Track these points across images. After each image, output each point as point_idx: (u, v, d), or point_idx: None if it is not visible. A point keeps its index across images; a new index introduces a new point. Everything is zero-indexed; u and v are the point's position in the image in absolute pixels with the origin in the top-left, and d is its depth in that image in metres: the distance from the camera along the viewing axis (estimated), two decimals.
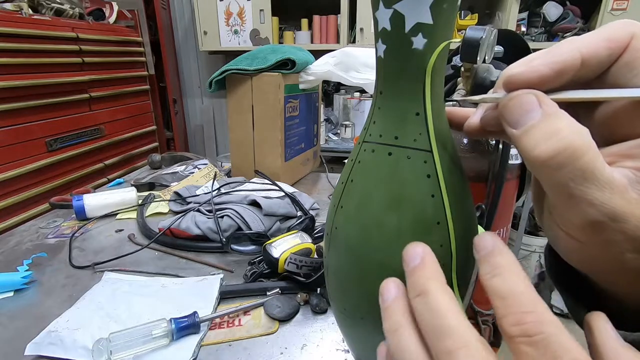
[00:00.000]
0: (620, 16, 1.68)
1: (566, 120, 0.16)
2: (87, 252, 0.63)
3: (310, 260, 0.50)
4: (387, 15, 0.21)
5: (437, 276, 0.18)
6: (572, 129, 0.16)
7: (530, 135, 0.16)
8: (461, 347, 0.15)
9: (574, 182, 0.15)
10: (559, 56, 0.17)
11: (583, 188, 0.15)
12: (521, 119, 0.17)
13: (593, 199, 0.15)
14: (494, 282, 0.16)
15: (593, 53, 0.17)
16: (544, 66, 0.17)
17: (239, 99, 0.84)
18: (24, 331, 0.44)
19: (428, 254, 0.19)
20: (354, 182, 0.25)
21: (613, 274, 0.18)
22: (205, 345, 0.42)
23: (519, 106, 0.17)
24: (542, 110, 0.16)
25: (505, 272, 0.16)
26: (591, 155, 0.15)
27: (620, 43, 0.17)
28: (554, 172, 0.16)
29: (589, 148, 0.15)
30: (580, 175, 0.15)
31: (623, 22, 0.17)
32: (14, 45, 1.28)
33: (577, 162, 0.15)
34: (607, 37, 0.17)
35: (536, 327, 0.14)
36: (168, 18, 2.40)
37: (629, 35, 0.17)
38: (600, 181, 0.15)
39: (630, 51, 0.17)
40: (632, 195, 0.15)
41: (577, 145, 0.15)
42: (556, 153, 0.15)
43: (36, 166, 1.38)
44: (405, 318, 0.18)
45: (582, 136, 0.15)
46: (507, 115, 0.17)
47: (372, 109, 0.25)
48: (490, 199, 0.65)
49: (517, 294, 0.16)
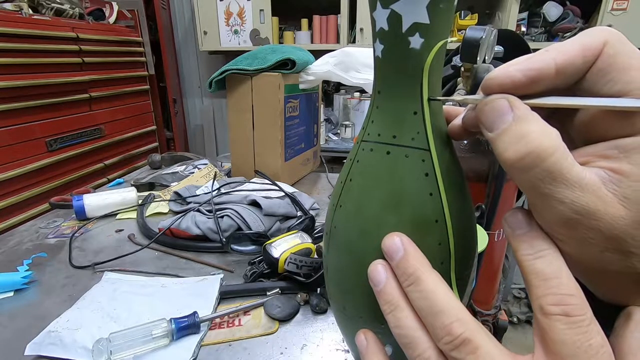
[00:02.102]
0: (620, 16, 1.67)
1: (536, 123, 0.17)
2: (87, 252, 0.63)
3: (310, 260, 0.50)
4: (385, 15, 0.21)
5: (422, 263, 0.20)
6: (541, 131, 0.16)
7: (502, 138, 0.17)
8: (455, 320, 0.18)
9: (543, 182, 0.16)
10: (534, 64, 0.18)
11: (552, 187, 0.16)
12: (495, 122, 0.18)
13: (563, 197, 0.16)
14: (537, 263, 0.17)
15: (568, 61, 0.17)
16: (518, 72, 0.18)
17: (239, 99, 0.84)
18: (24, 331, 0.44)
19: (407, 242, 0.21)
20: (352, 181, 0.25)
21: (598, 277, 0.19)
22: (205, 345, 0.42)
23: (493, 110, 0.18)
24: (514, 114, 0.17)
25: (548, 255, 0.17)
26: (558, 156, 0.16)
27: (594, 50, 0.17)
28: (524, 173, 0.16)
29: (556, 149, 0.16)
30: (548, 176, 0.16)
31: (596, 29, 0.18)
32: (14, 45, 1.28)
33: (544, 164, 0.16)
34: (581, 45, 0.18)
35: (578, 310, 0.16)
36: (168, 18, 2.40)
37: (601, 42, 0.17)
38: (568, 180, 0.16)
39: (603, 58, 0.17)
40: (605, 193, 0.16)
41: (544, 147, 0.16)
42: (524, 155, 0.16)
43: (36, 166, 1.38)
44: (400, 298, 0.20)
45: (550, 138, 0.16)
46: (483, 118, 0.18)
47: (371, 108, 0.25)
48: (490, 199, 0.65)
49: (562, 278, 0.17)
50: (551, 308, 0.16)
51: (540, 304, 0.17)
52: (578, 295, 0.16)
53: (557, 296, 0.16)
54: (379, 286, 0.21)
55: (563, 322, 0.16)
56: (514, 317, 1.75)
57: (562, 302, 0.16)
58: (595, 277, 0.19)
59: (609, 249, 0.16)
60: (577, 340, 0.15)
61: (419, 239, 0.22)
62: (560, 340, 0.16)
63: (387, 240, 0.22)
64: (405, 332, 0.20)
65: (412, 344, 0.19)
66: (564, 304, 0.16)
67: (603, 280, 0.19)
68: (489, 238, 0.70)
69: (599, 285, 0.19)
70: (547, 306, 0.16)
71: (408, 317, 0.20)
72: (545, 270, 0.17)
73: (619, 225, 0.16)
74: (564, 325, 0.16)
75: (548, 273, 0.17)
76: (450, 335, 0.18)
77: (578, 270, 0.17)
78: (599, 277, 0.19)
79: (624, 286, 0.18)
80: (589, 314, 0.16)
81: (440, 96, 0.24)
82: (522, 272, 0.18)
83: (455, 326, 0.18)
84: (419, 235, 0.22)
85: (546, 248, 0.18)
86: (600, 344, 0.15)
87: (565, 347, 0.16)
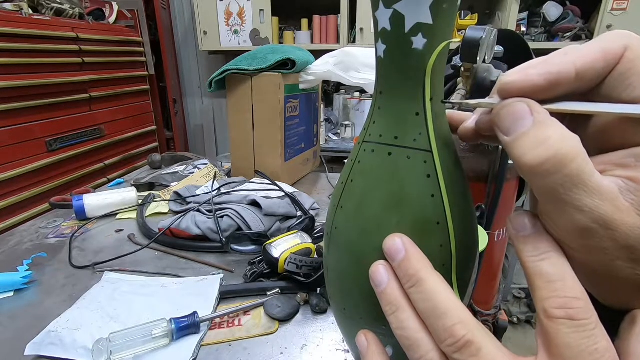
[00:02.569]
0: (620, 16, 1.68)
1: (556, 127, 0.16)
2: (87, 252, 0.63)
3: (310, 260, 0.50)
4: (387, 15, 0.21)
5: (424, 264, 0.20)
6: (562, 136, 0.16)
7: (520, 142, 0.17)
8: (457, 322, 0.18)
9: (563, 188, 0.16)
10: (553, 67, 0.17)
11: (572, 194, 0.16)
12: (513, 126, 0.17)
13: (582, 205, 0.16)
14: (542, 265, 0.17)
15: (589, 65, 0.17)
16: (538, 76, 0.17)
17: (239, 99, 0.84)
18: (24, 331, 0.44)
19: (408, 243, 0.21)
20: (353, 182, 0.25)
21: (603, 282, 0.18)
22: (205, 345, 0.42)
23: (511, 113, 0.17)
24: (533, 118, 0.16)
25: (553, 257, 0.17)
26: (580, 162, 0.15)
27: (615, 55, 0.17)
28: (544, 178, 0.16)
29: (577, 155, 0.15)
30: (569, 182, 0.15)
31: (617, 33, 0.18)
32: (14, 45, 1.28)
33: (566, 169, 0.15)
34: (602, 49, 0.17)
35: (583, 314, 0.16)
36: (168, 18, 2.40)
37: (622, 46, 0.17)
38: (589, 187, 0.15)
39: (624, 62, 0.17)
40: (622, 202, 0.16)
41: (565, 152, 0.15)
42: (545, 160, 0.16)
43: (36, 166, 1.38)
44: (402, 299, 0.20)
45: (572, 143, 0.16)
46: (500, 122, 0.18)
47: (372, 109, 0.25)
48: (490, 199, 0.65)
49: (566, 280, 0.16)
50: (555, 311, 0.16)
51: (544, 306, 0.16)
52: (583, 298, 0.16)
53: (561, 299, 0.16)
54: (381, 287, 0.21)
55: (568, 326, 0.16)
56: (514, 317, 1.75)
57: (567, 305, 0.16)
58: (600, 283, 0.19)
59: (621, 258, 0.16)
60: (582, 344, 0.15)
61: (421, 240, 0.22)
62: (565, 344, 0.16)
63: (388, 241, 0.21)
64: (408, 333, 0.19)
65: (415, 345, 0.19)
66: (568, 307, 0.16)
67: (608, 285, 0.18)
68: (489, 238, 0.70)
69: (603, 290, 0.19)
70: (551, 309, 0.16)
71: (410, 319, 0.20)
72: (549, 272, 0.17)
73: (634, 235, 0.15)
74: (568, 329, 0.16)
75: (552, 275, 0.17)
76: (453, 337, 0.17)
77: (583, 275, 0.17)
78: (604, 283, 0.18)
79: (629, 292, 0.18)
80: (594, 317, 0.16)
81: (443, 96, 0.24)
82: (526, 274, 0.18)
83: (458, 328, 0.17)
84: (421, 236, 0.22)
85: (551, 250, 0.17)
86: (605, 348, 0.15)
87: (569, 351, 0.15)
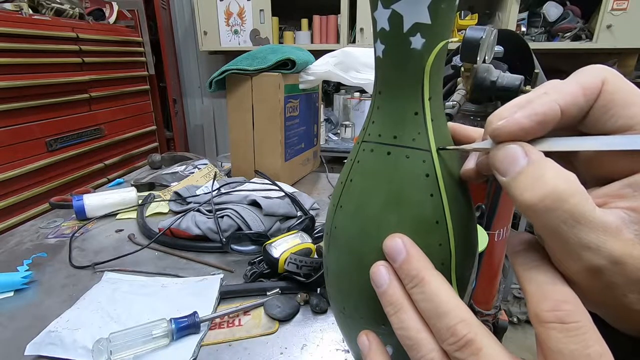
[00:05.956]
0: (620, 16, 1.67)
1: (551, 166, 0.17)
2: (87, 252, 0.63)
3: (310, 260, 0.50)
4: (386, 15, 0.21)
5: (425, 264, 0.20)
6: (558, 173, 0.16)
7: (517, 182, 0.17)
8: (459, 322, 0.18)
9: (566, 225, 0.16)
10: (539, 107, 0.18)
11: (576, 231, 0.16)
12: (509, 168, 0.18)
13: (588, 242, 0.15)
14: (532, 272, 0.18)
15: (571, 102, 0.18)
16: (525, 118, 0.18)
17: (239, 99, 0.84)
18: (24, 331, 0.44)
19: (409, 243, 0.21)
20: (353, 181, 0.25)
21: (615, 313, 0.18)
22: (205, 345, 0.42)
23: (505, 156, 0.18)
24: (528, 158, 0.17)
25: (543, 266, 0.18)
26: (579, 198, 0.16)
27: (594, 89, 0.18)
28: (544, 215, 0.16)
29: (575, 191, 0.16)
30: (571, 218, 0.15)
31: (592, 68, 0.18)
32: (14, 45, 1.28)
33: (565, 205, 0.15)
34: (581, 85, 0.18)
35: (572, 316, 0.16)
36: (168, 18, 2.40)
37: (600, 80, 0.18)
38: (592, 223, 0.15)
39: (603, 95, 0.18)
40: (627, 236, 0.16)
41: (563, 188, 0.16)
42: (543, 196, 0.16)
43: (36, 166, 1.38)
44: (403, 299, 0.20)
45: (568, 180, 0.16)
46: (496, 164, 0.18)
47: (371, 108, 0.25)
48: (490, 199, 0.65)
49: (556, 285, 0.17)
50: (546, 314, 0.16)
51: (535, 311, 0.16)
52: (573, 302, 0.16)
53: (551, 302, 0.16)
54: (382, 287, 0.21)
55: (558, 330, 0.15)
56: (514, 317, 1.75)
57: (557, 307, 0.16)
58: (612, 314, 0.18)
59: (633, 291, 0.16)
60: (575, 350, 0.15)
61: (420, 239, 0.22)
62: (558, 350, 0.15)
63: (388, 242, 0.21)
64: (409, 333, 0.20)
65: (417, 345, 0.19)
66: (558, 310, 0.16)
67: (620, 316, 0.18)
68: (489, 238, 0.70)
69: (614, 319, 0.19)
70: (542, 312, 0.16)
71: (412, 319, 0.20)
72: (539, 278, 0.17)
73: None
74: (559, 333, 0.15)
75: (542, 281, 0.17)
76: (455, 337, 0.18)
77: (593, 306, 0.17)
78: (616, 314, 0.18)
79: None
80: (586, 321, 0.16)
81: (441, 95, 0.24)
82: (519, 282, 0.18)
83: (460, 327, 0.18)
84: (420, 236, 0.22)
85: (541, 260, 0.18)
86: (599, 352, 0.15)
87: (561, 357, 0.15)
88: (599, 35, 1.71)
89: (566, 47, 1.79)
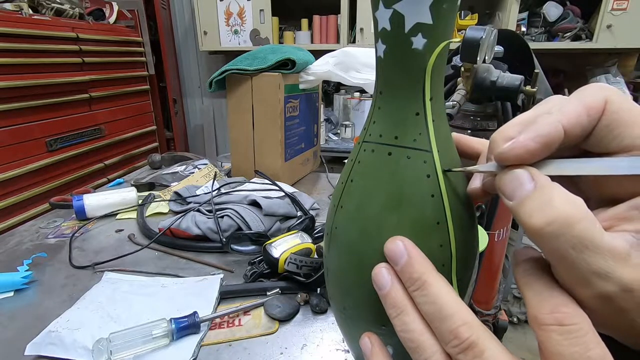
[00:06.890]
0: (620, 16, 1.67)
1: (558, 191, 0.16)
2: (87, 252, 0.63)
3: (310, 260, 0.50)
4: (387, 15, 0.21)
5: (428, 267, 0.20)
6: (565, 198, 0.16)
7: (525, 206, 0.17)
8: (462, 324, 0.18)
9: (574, 250, 0.15)
10: (542, 129, 0.18)
11: (585, 257, 0.15)
12: (516, 192, 0.18)
13: (597, 269, 0.15)
14: (531, 279, 0.18)
15: (574, 122, 0.18)
16: (530, 140, 0.18)
17: (239, 99, 0.84)
18: (24, 331, 0.44)
19: (410, 246, 0.21)
20: (353, 182, 0.25)
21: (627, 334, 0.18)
22: (205, 345, 0.42)
23: (512, 180, 0.18)
24: (535, 183, 0.17)
25: (543, 274, 0.18)
26: (587, 223, 0.15)
27: (597, 109, 0.18)
28: (552, 240, 0.16)
29: (583, 216, 0.16)
30: (579, 243, 0.15)
31: (594, 87, 0.18)
32: (14, 45, 1.28)
33: (573, 230, 0.15)
34: (584, 105, 0.18)
35: (571, 318, 0.16)
36: (168, 18, 2.40)
37: (602, 100, 0.18)
38: (600, 248, 0.15)
39: (607, 115, 0.18)
40: (636, 261, 0.15)
41: (569, 213, 0.16)
42: (551, 220, 0.16)
43: (36, 166, 1.38)
44: (406, 302, 0.20)
45: (575, 205, 0.16)
46: (503, 188, 0.18)
47: (372, 109, 0.25)
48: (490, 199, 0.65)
49: (554, 290, 0.17)
50: (545, 317, 0.16)
51: (534, 314, 0.17)
52: (572, 306, 0.16)
53: (550, 304, 0.16)
54: (384, 290, 0.21)
55: (558, 333, 0.16)
56: (514, 317, 1.75)
57: (555, 310, 0.16)
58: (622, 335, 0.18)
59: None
60: (575, 352, 0.15)
61: (420, 240, 0.22)
62: (558, 353, 0.15)
63: (390, 245, 0.21)
64: (412, 336, 0.20)
65: (419, 347, 0.19)
66: (556, 312, 0.16)
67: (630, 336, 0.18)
68: (489, 238, 0.71)
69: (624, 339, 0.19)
70: (540, 315, 0.16)
71: (415, 321, 0.20)
72: (538, 283, 0.17)
73: None
74: (559, 336, 0.15)
75: (541, 285, 0.17)
76: (458, 339, 0.18)
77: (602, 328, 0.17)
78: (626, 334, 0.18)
79: None
80: (585, 324, 0.16)
81: (443, 96, 0.24)
82: (520, 289, 0.18)
83: (463, 330, 0.18)
84: (421, 236, 0.22)
85: (542, 269, 0.18)
86: (600, 355, 0.15)
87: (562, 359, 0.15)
88: (599, 35, 1.72)
89: (566, 47, 1.79)
